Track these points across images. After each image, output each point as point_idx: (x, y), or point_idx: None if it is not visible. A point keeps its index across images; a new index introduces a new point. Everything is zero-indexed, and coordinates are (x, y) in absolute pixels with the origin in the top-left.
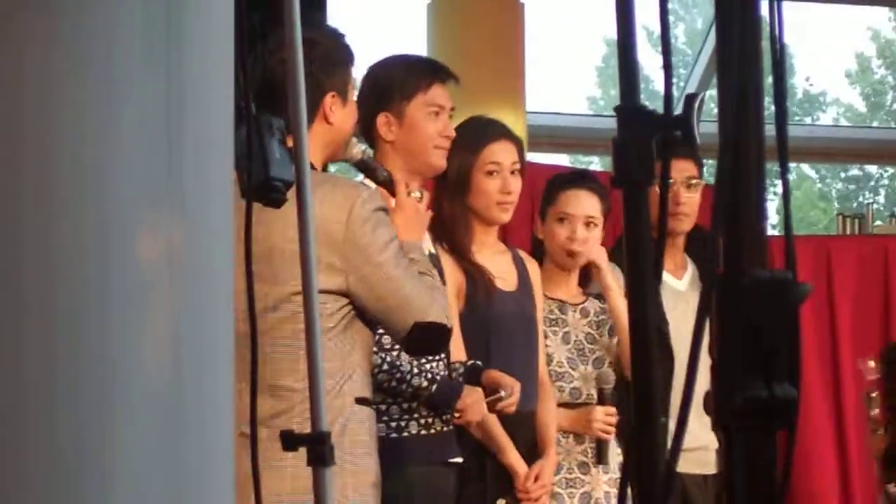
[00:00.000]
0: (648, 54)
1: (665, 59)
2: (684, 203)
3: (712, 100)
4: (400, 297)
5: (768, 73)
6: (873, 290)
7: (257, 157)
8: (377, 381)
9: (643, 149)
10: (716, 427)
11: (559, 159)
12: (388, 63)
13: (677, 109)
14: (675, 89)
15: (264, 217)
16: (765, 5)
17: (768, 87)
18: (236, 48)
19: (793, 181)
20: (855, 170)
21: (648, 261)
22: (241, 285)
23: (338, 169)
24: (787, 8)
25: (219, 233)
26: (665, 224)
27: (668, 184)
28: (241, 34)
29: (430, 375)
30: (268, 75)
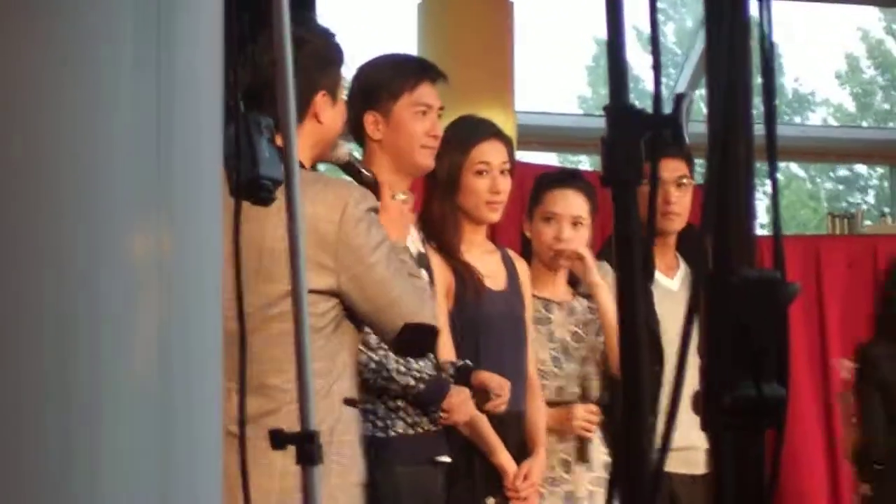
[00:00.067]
0: (638, 54)
1: (654, 58)
2: (675, 202)
3: (702, 99)
4: (391, 298)
5: (757, 72)
6: (862, 289)
7: (246, 156)
8: (364, 381)
9: (632, 148)
10: (704, 426)
11: (549, 158)
12: (377, 62)
13: (667, 109)
14: (665, 89)
15: (256, 215)
16: (754, 5)
17: (757, 87)
18: (226, 48)
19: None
20: (844, 170)
21: (638, 260)
22: (231, 284)
23: (326, 169)
24: (775, 7)
25: (207, 234)
26: (654, 224)
27: (657, 183)
28: (231, 34)
29: (417, 374)
30: (258, 74)
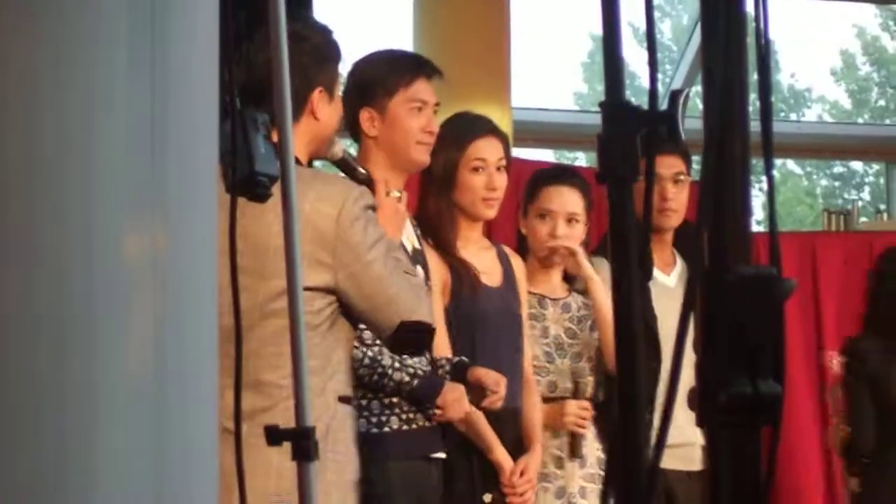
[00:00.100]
0: (634, 50)
1: (650, 55)
2: (672, 199)
3: (697, 96)
4: (388, 296)
5: (753, 69)
6: (858, 286)
7: (242, 152)
8: (358, 376)
9: (628, 144)
10: (700, 423)
11: (545, 155)
12: (372, 58)
13: (663, 105)
14: (661, 85)
15: (253, 211)
16: (750, 1)
17: (753, 83)
18: (221, 46)
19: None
20: (840, 166)
21: (634, 256)
22: (227, 280)
23: (321, 166)
24: (771, 4)
25: (203, 232)
26: (649, 220)
27: (653, 179)
28: (227, 32)
29: (411, 370)
30: (254, 71)
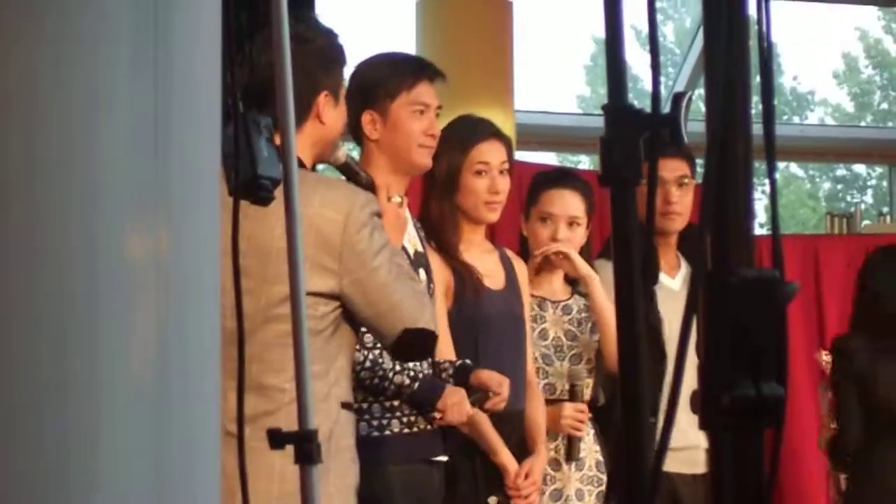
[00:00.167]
0: (637, 53)
1: (653, 57)
2: (676, 202)
3: (700, 98)
4: (392, 303)
5: (756, 71)
6: None
7: (245, 156)
8: (359, 379)
9: (631, 147)
10: (703, 426)
11: (548, 158)
12: (374, 61)
13: (665, 108)
14: (664, 88)
15: (256, 214)
16: (753, 4)
17: (756, 86)
18: (224, 47)
19: (781, 180)
20: (843, 169)
21: (637, 260)
22: (230, 283)
23: (324, 169)
24: (774, 7)
25: (206, 233)
26: (652, 224)
27: (656, 182)
28: (229, 33)
29: (412, 374)
30: (257, 73)
